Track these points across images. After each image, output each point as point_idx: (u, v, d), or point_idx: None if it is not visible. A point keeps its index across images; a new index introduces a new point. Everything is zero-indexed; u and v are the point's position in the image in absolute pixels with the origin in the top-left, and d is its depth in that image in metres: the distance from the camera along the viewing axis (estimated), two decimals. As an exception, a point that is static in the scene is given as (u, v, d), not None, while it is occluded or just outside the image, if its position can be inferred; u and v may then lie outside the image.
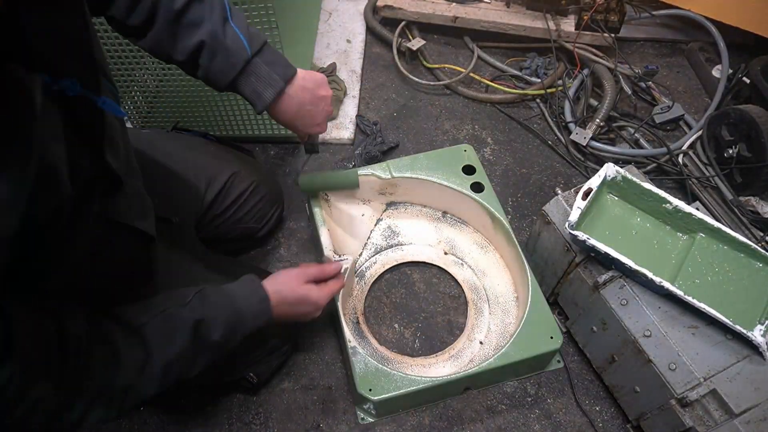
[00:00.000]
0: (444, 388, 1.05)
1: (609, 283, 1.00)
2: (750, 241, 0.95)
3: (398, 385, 0.98)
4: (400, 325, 1.20)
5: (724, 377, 0.88)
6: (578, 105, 1.59)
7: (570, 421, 1.10)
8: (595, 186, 1.00)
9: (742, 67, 1.53)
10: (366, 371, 0.99)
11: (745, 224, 1.32)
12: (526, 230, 1.37)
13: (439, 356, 1.15)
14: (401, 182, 1.25)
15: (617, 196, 1.05)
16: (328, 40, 1.77)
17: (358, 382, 0.98)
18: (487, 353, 1.12)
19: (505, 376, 1.13)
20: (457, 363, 1.13)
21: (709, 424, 0.88)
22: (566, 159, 1.51)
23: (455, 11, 1.70)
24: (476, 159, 1.26)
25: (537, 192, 1.45)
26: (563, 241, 1.07)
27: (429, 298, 1.24)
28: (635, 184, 1.01)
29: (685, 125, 1.60)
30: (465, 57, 1.76)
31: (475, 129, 1.59)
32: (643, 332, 0.95)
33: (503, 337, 1.14)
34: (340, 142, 1.52)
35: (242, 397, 1.10)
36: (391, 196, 1.31)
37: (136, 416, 1.07)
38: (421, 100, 1.65)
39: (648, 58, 1.80)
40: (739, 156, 1.37)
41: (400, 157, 1.35)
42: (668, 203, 0.99)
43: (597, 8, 1.60)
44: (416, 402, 1.09)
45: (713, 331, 0.92)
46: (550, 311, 1.06)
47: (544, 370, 1.15)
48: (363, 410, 1.08)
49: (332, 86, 1.60)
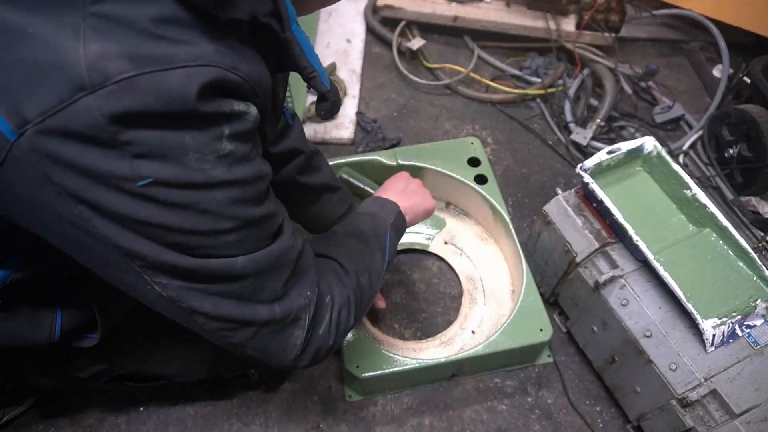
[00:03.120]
0: (431, 372, 1.06)
1: (609, 284, 0.99)
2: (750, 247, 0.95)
3: (385, 365, 0.99)
4: (399, 325, 1.20)
5: (724, 377, 0.88)
6: (578, 105, 1.59)
7: (570, 421, 1.10)
8: (624, 148, 1.04)
9: (743, 66, 1.53)
10: (355, 348, 1.01)
11: (746, 224, 1.32)
12: (526, 230, 1.37)
13: (430, 341, 1.16)
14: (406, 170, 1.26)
15: (646, 171, 1.08)
16: (328, 39, 1.77)
17: (345, 358, 1.00)
18: (478, 343, 1.12)
19: (493, 365, 1.13)
20: (448, 350, 1.14)
21: (710, 425, 0.88)
22: (566, 159, 1.51)
23: (455, 11, 1.70)
24: (482, 152, 1.28)
25: (537, 192, 1.45)
26: (563, 241, 1.06)
27: (429, 298, 1.24)
28: (666, 162, 1.03)
29: (685, 125, 1.60)
30: (465, 57, 1.75)
31: (476, 129, 1.58)
32: (643, 332, 0.95)
33: (495, 328, 1.14)
34: (340, 141, 1.52)
35: (242, 397, 1.10)
36: None
37: (136, 416, 1.07)
38: (421, 100, 1.65)
39: (648, 58, 1.80)
40: (740, 156, 1.36)
41: (407, 146, 1.36)
42: (689, 189, 1.01)
43: (597, 8, 1.60)
44: (403, 383, 1.10)
45: (714, 331, 0.92)
46: (542, 304, 1.07)
47: (534, 363, 1.16)
48: (350, 388, 1.10)
49: (332, 86, 1.60)
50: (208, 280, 0.56)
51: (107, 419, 1.06)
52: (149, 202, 0.49)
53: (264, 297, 0.61)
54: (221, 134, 0.50)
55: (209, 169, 0.50)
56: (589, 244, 1.03)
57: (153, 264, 0.53)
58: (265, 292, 0.61)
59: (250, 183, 0.55)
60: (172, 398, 1.09)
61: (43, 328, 0.71)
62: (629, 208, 1.01)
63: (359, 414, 1.09)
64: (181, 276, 0.55)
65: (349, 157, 1.24)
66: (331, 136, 1.52)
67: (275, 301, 0.62)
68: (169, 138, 0.47)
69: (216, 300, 0.58)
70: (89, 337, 0.77)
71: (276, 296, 0.62)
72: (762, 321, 0.92)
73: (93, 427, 1.05)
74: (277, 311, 0.62)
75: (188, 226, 0.52)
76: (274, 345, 0.64)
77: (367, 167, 1.24)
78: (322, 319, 0.67)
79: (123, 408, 1.07)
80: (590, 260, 1.04)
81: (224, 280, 0.57)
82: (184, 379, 0.94)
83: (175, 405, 1.09)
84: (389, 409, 1.10)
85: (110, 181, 0.47)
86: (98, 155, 0.46)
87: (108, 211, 0.49)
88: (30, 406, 1.05)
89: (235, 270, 0.57)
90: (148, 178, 0.48)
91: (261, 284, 0.60)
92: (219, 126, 0.50)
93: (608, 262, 1.02)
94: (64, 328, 0.73)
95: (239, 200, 0.54)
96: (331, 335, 0.69)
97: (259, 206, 0.57)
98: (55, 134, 0.45)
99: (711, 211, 0.98)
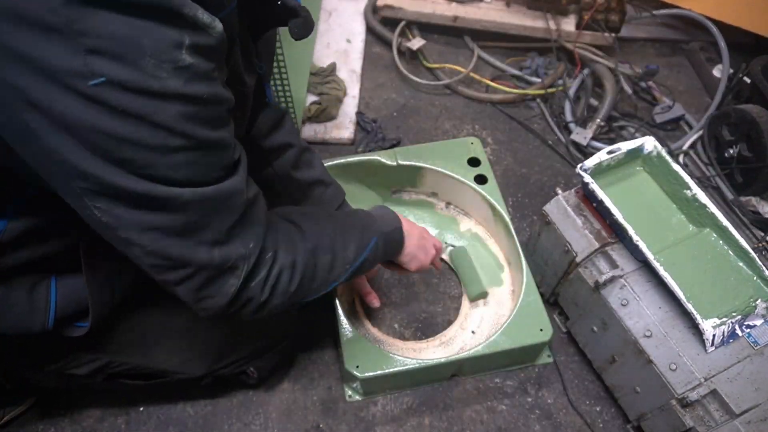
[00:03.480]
0: (431, 372, 1.06)
1: (609, 284, 0.99)
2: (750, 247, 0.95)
3: (385, 365, 0.99)
4: (400, 325, 1.20)
5: (724, 377, 0.88)
6: (578, 105, 1.59)
7: (570, 421, 1.10)
8: (624, 148, 1.04)
9: (743, 66, 1.53)
10: (355, 348, 1.01)
11: (746, 224, 1.32)
12: (526, 230, 1.37)
13: (430, 342, 1.16)
14: (406, 170, 1.26)
15: (646, 171, 1.08)
16: (328, 39, 1.77)
17: (345, 358, 1.00)
18: (478, 343, 1.12)
19: (493, 365, 1.13)
20: (448, 350, 1.14)
21: (710, 425, 0.88)
22: (566, 159, 1.51)
23: (455, 11, 1.70)
24: (482, 152, 1.28)
25: (537, 192, 1.45)
26: (563, 241, 1.06)
27: (429, 298, 1.24)
28: (666, 162, 1.03)
29: (685, 125, 1.60)
30: (465, 57, 1.75)
31: (476, 129, 1.58)
32: (643, 332, 0.95)
33: (495, 328, 1.14)
34: (340, 141, 1.52)
35: (242, 397, 1.10)
36: (395, 183, 1.32)
37: (136, 416, 1.07)
38: (421, 100, 1.65)
39: (648, 58, 1.80)
40: (740, 156, 1.37)
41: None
42: (689, 189, 1.01)
43: (597, 8, 1.60)
44: (403, 383, 1.10)
45: (714, 331, 0.92)
46: (542, 304, 1.07)
47: (534, 363, 1.16)
48: (350, 387, 1.10)
49: (332, 86, 1.60)
50: (150, 209, 0.55)
51: (107, 419, 1.06)
52: (101, 106, 0.48)
53: (204, 238, 0.60)
54: (181, 42, 0.49)
55: (165, 78, 0.49)
56: (589, 244, 1.03)
57: (96, 185, 0.52)
58: (207, 234, 0.60)
59: (207, 103, 0.53)
60: (172, 398, 1.09)
61: (38, 313, 0.71)
62: (629, 208, 1.01)
63: (359, 414, 1.09)
64: (123, 202, 0.54)
65: (349, 157, 1.24)
66: (331, 136, 1.52)
67: (215, 246, 0.61)
68: (127, 34, 0.46)
69: (155, 235, 0.56)
70: (80, 326, 0.77)
71: (217, 240, 0.61)
72: (762, 321, 0.92)
73: (93, 427, 1.05)
74: (215, 256, 0.61)
75: (137, 137, 0.50)
76: (207, 290, 0.63)
77: (367, 167, 1.24)
78: (257, 274, 0.67)
79: (123, 408, 1.07)
80: (590, 260, 1.04)
81: (166, 211, 0.56)
82: (184, 375, 0.93)
83: (175, 405, 1.09)
84: (389, 409, 1.10)
85: (63, 79, 0.46)
86: (51, 47, 0.44)
87: (58, 117, 0.47)
88: (30, 406, 1.05)
89: (179, 202, 0.55)
90: (101, 77, 0.46)
91: (204, 224, 0.59)
92: (180, 30, 0.48)
93: (608, 262, 1.02)
94: (59, 315, 0.73)
95: (193, 118, 0.52)
96: (264, 292, 0.68)
97: (213, 130, 0.55)
98: (6, 18, 0.43)
99: (711, 211, 0.98)
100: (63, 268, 0.73)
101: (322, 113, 1.52)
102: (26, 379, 0.92)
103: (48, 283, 0.72)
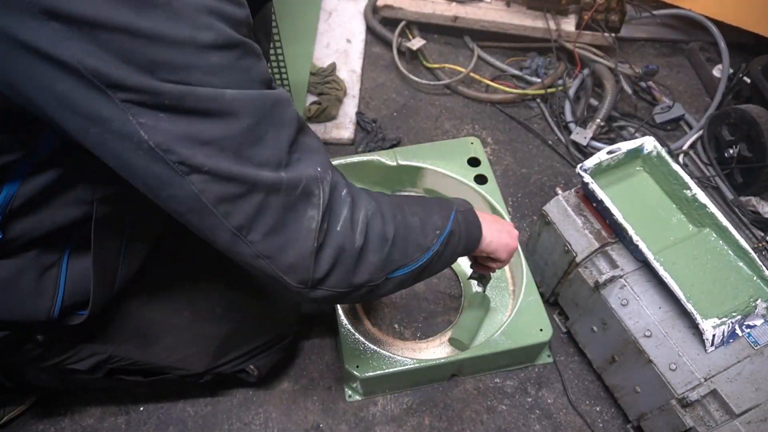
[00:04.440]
0: (430, 372, 1.06)
1: (609, 284, 1.00)
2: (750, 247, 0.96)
3: (385, 365, 1.00)
4: (400, 325, 1.20)
5: (724, 377, 0.88)
6: (578, 105, 1.59)
7: (570, 421, 1.10)
8: (624, 148, 1.04)
9: (743, 66, 1.53)
10: (354, 348, 1.01)
11: (746, 224, 1.32)
12: (526, 230, 1.37)
13: (430, 342, 1.16)
14: (406, 170, 1.26)
15: (646, 171, 1.08)
16: (328, 39, 1.77)
17: (345, 358, 1.00)
18: (478, 342, 1.13)
19: (493, 365, 1.13)
20: (448, 350, 1.14)
21: (710, 425, 0.88)
22: (566, 159, 1.51)
23: (455, 11, 1.70)
24: (482, 151, 1.28)
25: (537, 192, 1.45)
26: (563, 241, 1.06)
27: (429, 298, 1.24)
28: (666, 162, 1.04)
29: (685, 125, 1.60)
30: (465, 57, 1.75)
31: (476, 129, 1.58)
32: (643, 332, 0.95)
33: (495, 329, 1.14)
34: (340, 141, 1.52)
35: (242, 397, 1.10)
36: (395, 183, 1.32)
37: (136, 416, 1.07)
38: (421, 100, 1.65)
39: (648, 58, 1.80)
40: (740, 156, 1.37)
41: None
42: (689, 189, 1.01)
43: (597, 8, 1.60)
44: (403, 383, 1.10)
45: (714, 331, 0.92)
46: (542, 304, 1.07)
47: (534, 363, 1.16)
48: (350, 387, 1.10)
49: (332, 86, 1.60)
50: (197, 114, 0.50)
51: (107, 419, 1.06)
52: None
53: (264, 156, 0.55)
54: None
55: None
56: (589, 244, 1.03)
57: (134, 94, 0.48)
58: (265, 150, 0.55)
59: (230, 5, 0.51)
60: (172, 398, 1.09)
61: (45, 299, 0.70)
62: (629, 208, 1.01)
63: (359, 414, 1.09)
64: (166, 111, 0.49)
65: (349, 157, 1.24)
66: (331, 136, 1.52)
67: (279, 167, 0.56)
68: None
69: (209, 150, 0.51)
70: (79, 314, 0.76)
71: (280, 160, 0.56)
72: (762, 321, 0.92)
73: (93, 427, 1.05)
74: (283, 176, 0.55)
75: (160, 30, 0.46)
76: (287, 228, 0.56)
77: (367, 167, 1.24)
78: (338, 211, 0.60)
79: (123, 408, 1.07)
80: (590, 260, 1.04)
81: (213, 116, 0.51)
82: (184, 372, 0.93)
83: (175, 405, 1.09)
84: (389, 409, 1.10)
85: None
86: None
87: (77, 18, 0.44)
88: (30, 405, 1.05)
89: (224, 102, 0.51)
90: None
91: (257, 138, 0.54)
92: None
93: (608, 262, 1.02)
94: (66, 303, 0.72)
95: (217, 12, 0.49)
96: (356, 235, 0.60)
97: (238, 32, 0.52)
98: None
99: (711, 211, 0.98)
100: (74, 245, 0.71)
101: (322, 113, 1.53)
102: (26, 378, 0.92)
103: (58, 270, 0.71)
